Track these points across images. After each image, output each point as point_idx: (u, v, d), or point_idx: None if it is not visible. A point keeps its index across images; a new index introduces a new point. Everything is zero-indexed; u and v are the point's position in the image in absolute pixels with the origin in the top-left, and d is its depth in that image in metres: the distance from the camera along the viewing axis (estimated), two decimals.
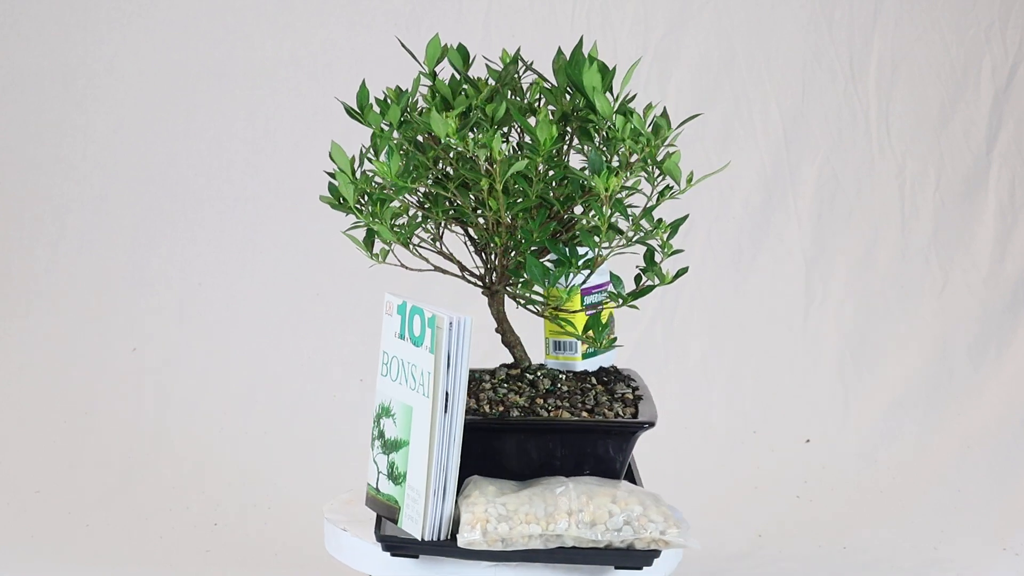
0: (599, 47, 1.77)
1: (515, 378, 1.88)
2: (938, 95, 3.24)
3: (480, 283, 1.87)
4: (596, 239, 1.71)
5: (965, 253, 3.18)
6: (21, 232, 3.23)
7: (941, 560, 2.55)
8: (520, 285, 1.82)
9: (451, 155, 1.75)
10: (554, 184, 1.75)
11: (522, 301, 1.84)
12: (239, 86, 3.25)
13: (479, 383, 1.86)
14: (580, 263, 1.74)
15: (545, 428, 1.75)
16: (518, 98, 1.82)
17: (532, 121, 1.78)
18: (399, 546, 1.69)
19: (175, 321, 3.17)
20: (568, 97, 1.76)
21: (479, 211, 1.77)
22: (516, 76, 1.82)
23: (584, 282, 1.82)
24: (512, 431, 1.75)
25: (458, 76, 1.80)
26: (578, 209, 1.79)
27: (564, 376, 1.89)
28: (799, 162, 3.21)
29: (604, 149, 1.72)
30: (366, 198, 1.75)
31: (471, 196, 1.75)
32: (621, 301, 1.79)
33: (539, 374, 1.89)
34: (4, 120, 3.27)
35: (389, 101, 1.75)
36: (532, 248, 1.75)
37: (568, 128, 1.79)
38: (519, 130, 1.81)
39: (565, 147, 1.81)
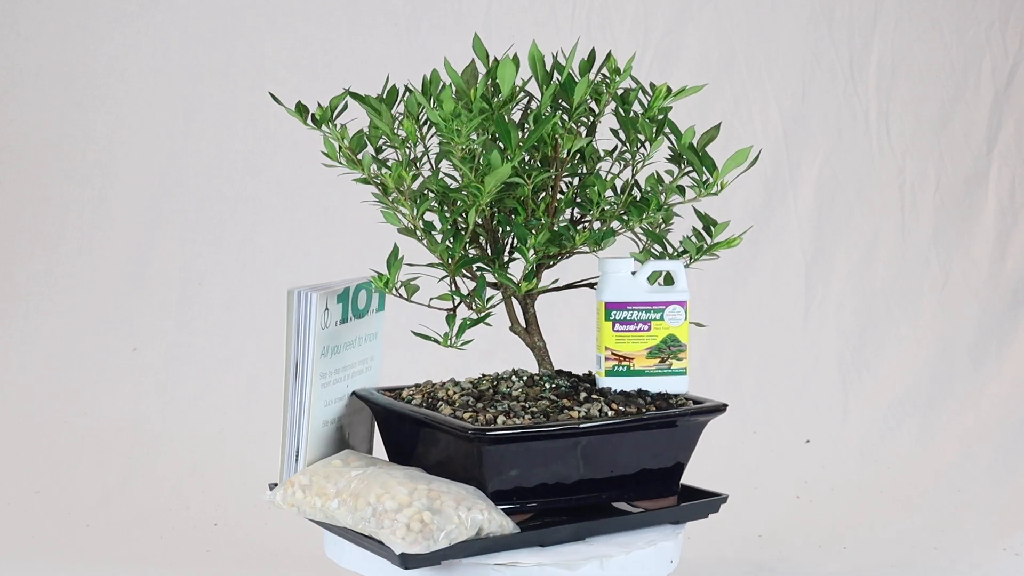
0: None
1: (496, 380, 1.83)
2: (938, 95, 3.24)
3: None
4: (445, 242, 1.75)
5: (965, 253, 3.18)
6: (21, 232, 3.23)
7: (941, 560, 2.55)
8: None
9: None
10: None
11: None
12: (239, 86, 3.25)
13: (450, 383, 1.85)
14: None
15: (406, 418, 1.75)
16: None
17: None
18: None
19: (175, 321, 3.17)
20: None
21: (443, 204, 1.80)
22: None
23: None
24: (397, 419, 1.78)
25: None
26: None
27: (552, 386, 1.80)
28: (799, 162, 3.21)
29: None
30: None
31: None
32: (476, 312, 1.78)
33: (522, 379, 1.81)
34: (4, 120, 3.26)
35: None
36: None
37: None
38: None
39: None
